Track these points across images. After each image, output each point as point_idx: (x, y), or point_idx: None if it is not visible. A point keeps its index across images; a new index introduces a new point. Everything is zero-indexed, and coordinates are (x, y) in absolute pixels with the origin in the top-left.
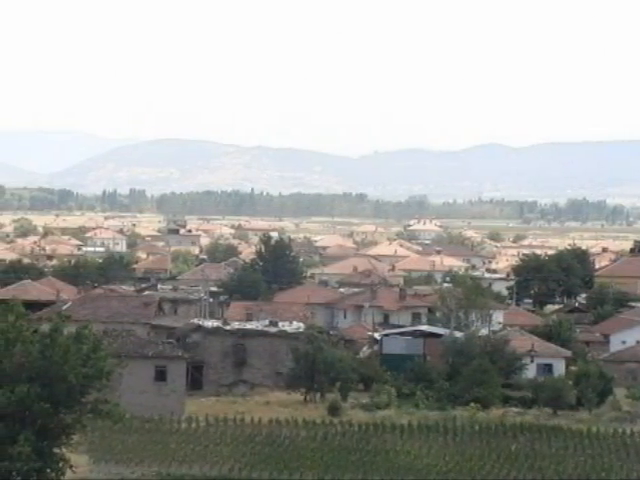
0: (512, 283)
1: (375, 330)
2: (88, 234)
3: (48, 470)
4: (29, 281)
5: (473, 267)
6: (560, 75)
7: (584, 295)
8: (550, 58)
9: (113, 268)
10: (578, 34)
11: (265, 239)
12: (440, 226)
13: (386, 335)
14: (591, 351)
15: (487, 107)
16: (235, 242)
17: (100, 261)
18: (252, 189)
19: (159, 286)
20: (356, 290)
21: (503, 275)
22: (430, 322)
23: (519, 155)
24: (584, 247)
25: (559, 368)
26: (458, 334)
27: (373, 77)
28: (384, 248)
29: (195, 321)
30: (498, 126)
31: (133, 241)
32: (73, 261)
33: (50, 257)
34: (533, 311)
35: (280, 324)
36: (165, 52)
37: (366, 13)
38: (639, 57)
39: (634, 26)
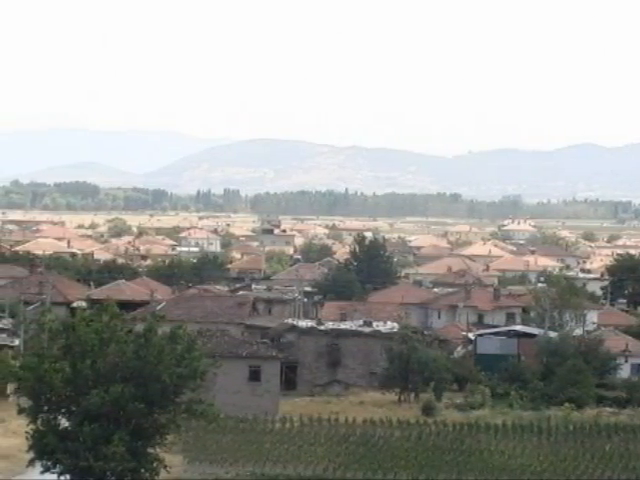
0: (606, 283)
1: (469, 330)
2: (182, 234)
3: (142, 470)
4: (123, 281)
5: (567, 267)
6: None
7: None
8: None
9: (207, 268)
10: None
11: (359, 239)
12: (534, 226)
13: (480, 335)
14: None
15: (581, 107)
16: (329, 242)
17: (194, 261)
18: (346, 189)
19: (253, 286)
20: (450, 290)
21: (597, 275)
22: (524, 322)
23: (613, 155)
24: None
25: None
26: (552, 334)
27: (468, 77)
28: (478, 248)
29: (289, 321)
30: (592, 126)
31: (227, 241)
32: (167, 261)
33: (144, 257)
34: (627, 311)
35: (374, 324)
36: (259, 52)
37: (463, 15)
38: None
39: None
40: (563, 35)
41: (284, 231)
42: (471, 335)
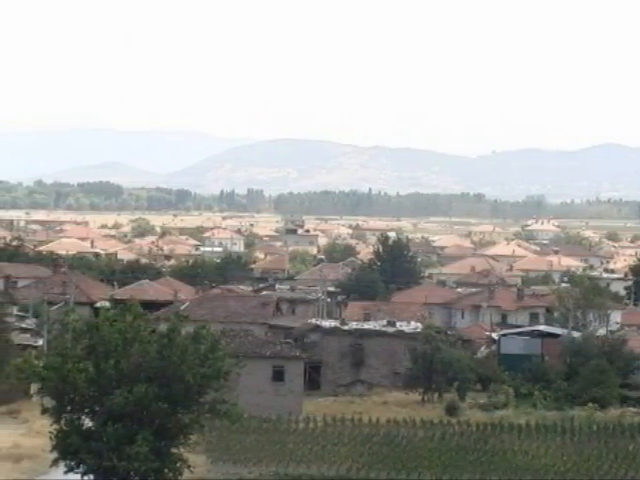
0: (630, 283)
1: (493, 330)
2: (206, 234)
3: (166, 470)
4: (147, 281)
5: (591, 267)
6: None
7: None
8: None
9: (231, 268)
10: None
11: (383, 239)
12: (558, 226)
13: (504, 335)
14: None
15: (605, 107)
16: (353, 242)
17: (218, 261)
18: (370, 189)
19: (277, 286)
20: (474, 290)
21: (621, 275)
22: (548, 322)
23: (638, 155)
24: None
25: None
26: (576, 334)
27: (492, 77)
28: (502, 248)
29: (313, 321)
30: (616, 126)
31: (251, 241)
32: (191, 261)
33: (168, 257)
34: None
35: (398, 324)
36: (282, 52)
37: (488, 14)
38: None
39: None
40: (588, 34)
41: (308, 231)
42: (495, 335)
